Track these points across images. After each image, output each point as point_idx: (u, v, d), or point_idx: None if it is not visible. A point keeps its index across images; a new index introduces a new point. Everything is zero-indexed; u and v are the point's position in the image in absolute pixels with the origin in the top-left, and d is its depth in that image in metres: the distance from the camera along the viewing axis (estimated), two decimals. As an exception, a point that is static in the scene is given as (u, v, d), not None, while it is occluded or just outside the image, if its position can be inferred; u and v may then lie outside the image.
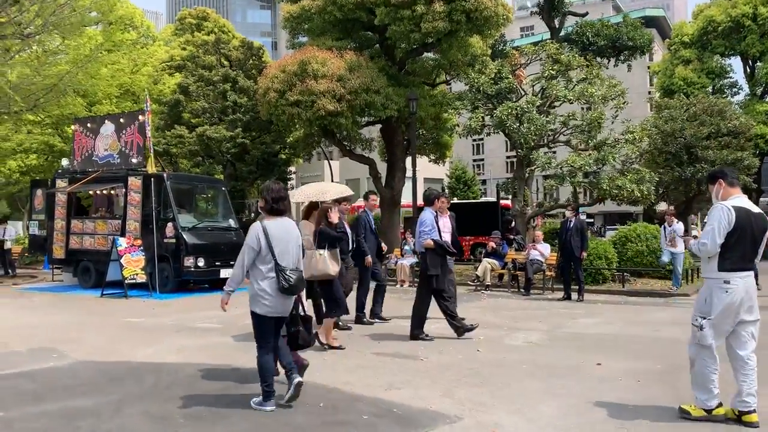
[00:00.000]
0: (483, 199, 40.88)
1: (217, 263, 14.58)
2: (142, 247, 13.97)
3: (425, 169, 54.27)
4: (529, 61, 18.61)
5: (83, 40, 22.10)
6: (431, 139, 24.60)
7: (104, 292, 13.53)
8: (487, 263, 14.37)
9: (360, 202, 33.86)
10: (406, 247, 15.88)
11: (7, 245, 19.56)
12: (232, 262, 15.11)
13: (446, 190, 48.72)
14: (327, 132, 19.40)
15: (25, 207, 29.74)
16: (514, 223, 17.21)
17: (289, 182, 26.72)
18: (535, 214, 18.73)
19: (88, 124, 16.08)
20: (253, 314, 4.91)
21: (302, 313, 5.25)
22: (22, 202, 35.21)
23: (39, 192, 16.46)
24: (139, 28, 32.38)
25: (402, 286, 15.39)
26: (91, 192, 16.17)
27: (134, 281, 13.59)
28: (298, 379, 4.97)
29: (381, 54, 19.92)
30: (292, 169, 25.25)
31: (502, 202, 25.54)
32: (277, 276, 4.75)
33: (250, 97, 22.17)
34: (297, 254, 4.97)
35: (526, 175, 18.93)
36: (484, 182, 67.17)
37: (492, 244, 14.89)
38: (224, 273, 14.63)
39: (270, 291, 4.77)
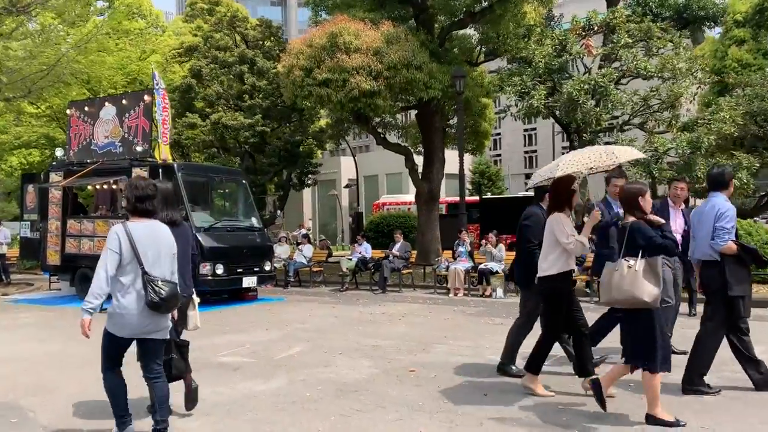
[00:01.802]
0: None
1: (238, 270, 12.24)
2: (149, 252, 11.61)
3: (447, 162, 51.93)
4: (595, 30, 16.05)
5: (90, 26, 20.10)
6: (468, 126, 22.14)
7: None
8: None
9: (388, 198, 31.44)
10: (461, 249, 13.41)
11: (2, 249, 17.30)
12: (256, 269, 12.91)
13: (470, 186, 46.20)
14: (359, 117, 16.98)
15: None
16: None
17: (311, 177, 24.22)
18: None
19: (86, 108, 13.75)
20: (106, 333, 4.13)
21: (177, 339, 4.61)
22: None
23: (30, 188, 14.14)
24: (147, 17, 30.35)
25: (456, 295, 12.95)
26: (90, 187, 13.87)
27: (140, 293, 11.24)
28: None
29: (419, 28, 17.44)
30: (318, 161, 22.78)
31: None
32: (144, 288, 4.01)
33: (270, 80, 19.79)
34: (170, 264, 4.23)
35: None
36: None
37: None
38: (247, 281, 12.31)
39: (133, 308, 4.01)
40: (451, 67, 16.40)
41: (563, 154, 13.76)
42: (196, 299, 5.12)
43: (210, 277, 11.75)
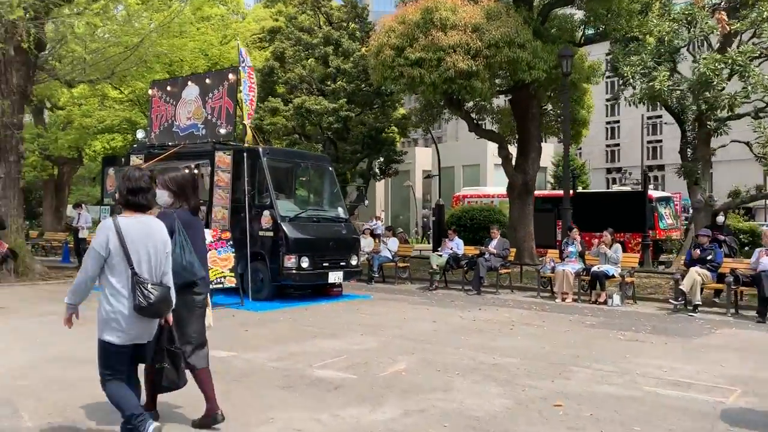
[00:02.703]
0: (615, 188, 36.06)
1: (324, 264, 11.25)
2: (231, 242, 10.79)
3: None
4: (723, 6, 14.10)
5: (172, 10, 19.79)
6: (563, 114, 20.45)
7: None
8: (696, 274, 10.23)
9: (469, 191, 29.94)
10: (570, 248, 11.92)
11: (83, 233, 17.09)
12: (342, 263, 11.86)
13: (551, 180, 44.04)
14: (452, 101, 15.68)
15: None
16: (723, 217, 12.84)
17: (394, 166, 23.04)
18: (728, 207, 14.30)
19: (168, 88, 13.09)
20: (102, 342, 3.72)
21: (170, 347, 4.04)
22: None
23: (111, 171, 13.63)
24: (229, 3, 30.08)
25: (564, 300, 11.50)
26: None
27: (221, 285, 10.42)
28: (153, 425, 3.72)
29: (519, 5, 15.93)
30: (402, 150, 21.59)
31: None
32: (133, 291, 3.64)
33: (355, 62, 18.74)
34: (162, 264, 3.81)
35: (713, 155, 14.50)
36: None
37: (697, 250, 10.74)
38: (333, 277, 11.31)
39: (126, 312, 3.66)
40: (555, 46, 14.86)
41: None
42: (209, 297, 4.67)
43: (294, 271, 10.82)
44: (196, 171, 12.64)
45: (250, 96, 11.69)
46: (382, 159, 20.10)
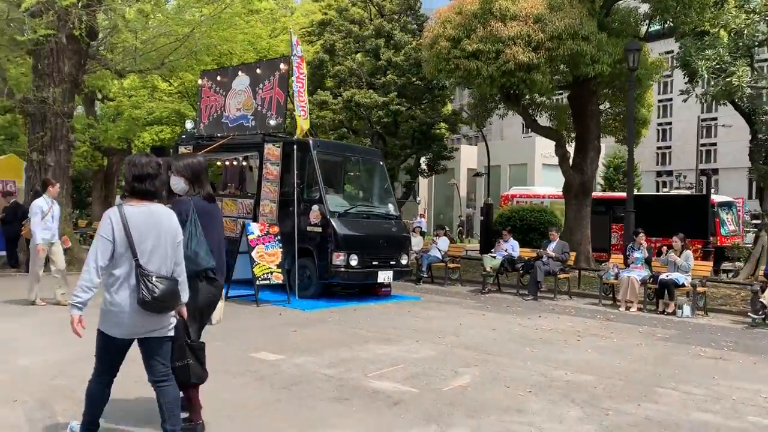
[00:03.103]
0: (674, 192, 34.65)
1: (373, 263, 10.75)
2: (279, 237, 10.40)
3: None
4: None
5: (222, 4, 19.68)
6: (623, 112, 19.50)
7: (229, 294, 10.11)
8: (780, 285, 9.36)
9: (518, 190, 29.08)
10: (636, 254, 11.13)
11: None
12: (392, 262, 11.33)
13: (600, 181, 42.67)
14: (509, 95, 15.00)
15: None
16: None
17: (442, 163, 22.37)
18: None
19: (218, 77, 12.80)
20: (100, 334, 3.52)
21: (190, 341, 3.90)
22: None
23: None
24: (278, -1, 29.95)
25: (628, 309, 10.74)
26: (218, 163, 12.96)
27: (268, 281, 10.05)
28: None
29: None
30: (453, 146, 20.92)
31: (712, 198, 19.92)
32: (137, 283, 3.41)
33: (407, 55, 18.20)
34: (170, 256, 3.56)
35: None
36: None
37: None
38: (382, 276, 10.82)
39: (127, 304, 3.45)
40: (620, 40, 14.03)
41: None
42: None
43: (343, 269, 10.36)
44: (245, 163, 12.36)
45: (298, 86, 11.28)
46: (431, 155, 19.46)
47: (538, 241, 15.51)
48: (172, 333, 3.69)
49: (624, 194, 25.55)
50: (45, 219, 8.78)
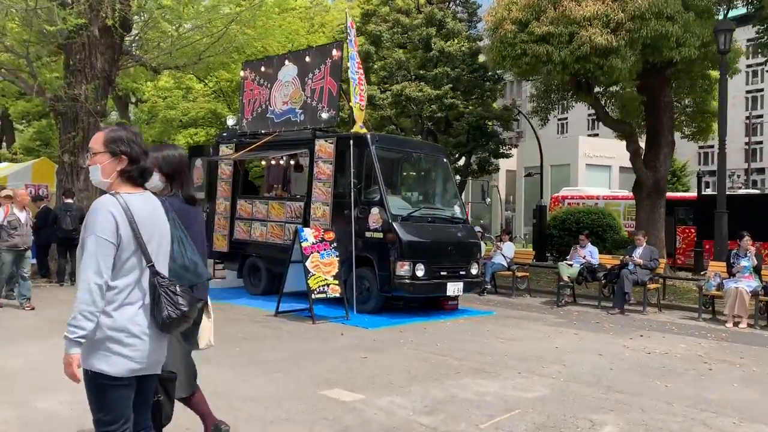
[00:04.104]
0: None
1: (442, 273, 9.44)
2: (335, 244, 9.17)
3: (624, 155, 46.33)
4: None
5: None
6: (690, 105, 17.91)
7: (280, 310, 8.92)
8: None
9: (569, 192, 27.46)
10: (744, 262, 9.60)
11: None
12: (462, 272, 9.94)
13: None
14: (579, 84, 13.57)
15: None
16: None
17: (494, 163, 20.91)
18: None
19: (262, 68, 11.65)
20: (96, 375, 2.48)
21: (162, 372, 2.86)
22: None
23: (198, 162, 12.30)
24: (312, -6, 28.99)
25: (737, 325, 9.24)
26: (263, 162, 11.83)
27: (324, 295, 8.81)
28: None
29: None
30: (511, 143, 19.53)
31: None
32: (156, 297, 2.54)
33: (460, 45, 16.89)
34: (168, 259, 2.77)
35: None
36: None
37: None
38: (451, 288, 9.51)
39: (139, 329, 2.51)
40: (708, 20, 12.51)
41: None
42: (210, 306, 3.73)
43: (407, 281, 9.07)
44: (292, 162, 11.21)
45: (357, 74, 10.07)
46: (487, 154, 18.11)
47: (597, 246, 13.99)
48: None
49: (689, 194, 23.83)
50: None
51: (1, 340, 6.93)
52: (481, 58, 16.83)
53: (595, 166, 43.10)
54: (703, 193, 21.23)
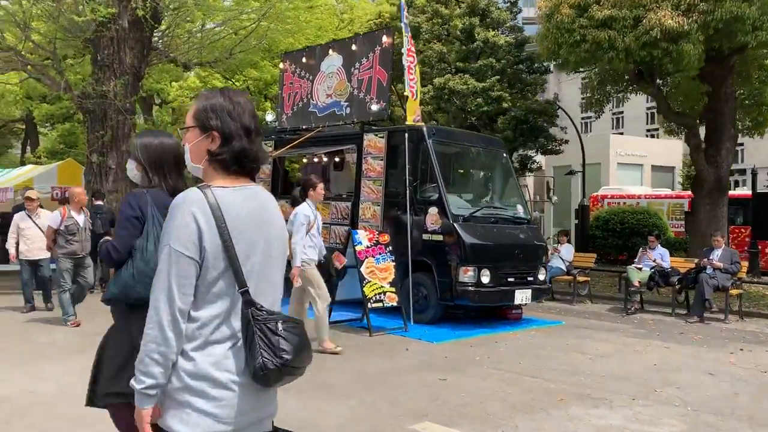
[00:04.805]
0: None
1: (509, 279, 8.55)
2: (390, 247, 8.34)
3: (655, 153, 44.38)
4: None
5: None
6: (747, 97, 16.81)
7: (331, 319, 8.09)
8: None
9: (610, 190, 26.36)
10: None
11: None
12: (530, 278, 8.85)
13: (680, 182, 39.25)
14: (641, 74, 12.62)
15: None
16: None
17: (537, 161, 19.91)
18: None
19: (303, 59, 10.86)
20: None
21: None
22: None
23: (235, 160, 11.54)
24: (337, -8, 28.35)
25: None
26: (305, 159, 11.05)
27: (381, 304, 7.97)
28: None
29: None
30: (563, 138, 18.45)
31: None
32: (248, 336, 1.72)
33: (506, 35, 16.00)
34: (278, 277, 1.89)
35: None
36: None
37: None
38: (519, 296, 8.62)
39: (225, 376, 1.72)
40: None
41: None
42: None
43: (471, 288, 8.20)
44: (337, 159, 10.40)
45: (409, 61, 9.24)
46: (535, 150, 17.16)
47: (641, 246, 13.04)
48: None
49: (748, 193, 22.58)
50: (310, 233, 6.61)
51: (31, 355, 6.21)
52: (529, 48, 15.94)
53: (627, 164, 41.97)
54: (758, 191, 20.06)
